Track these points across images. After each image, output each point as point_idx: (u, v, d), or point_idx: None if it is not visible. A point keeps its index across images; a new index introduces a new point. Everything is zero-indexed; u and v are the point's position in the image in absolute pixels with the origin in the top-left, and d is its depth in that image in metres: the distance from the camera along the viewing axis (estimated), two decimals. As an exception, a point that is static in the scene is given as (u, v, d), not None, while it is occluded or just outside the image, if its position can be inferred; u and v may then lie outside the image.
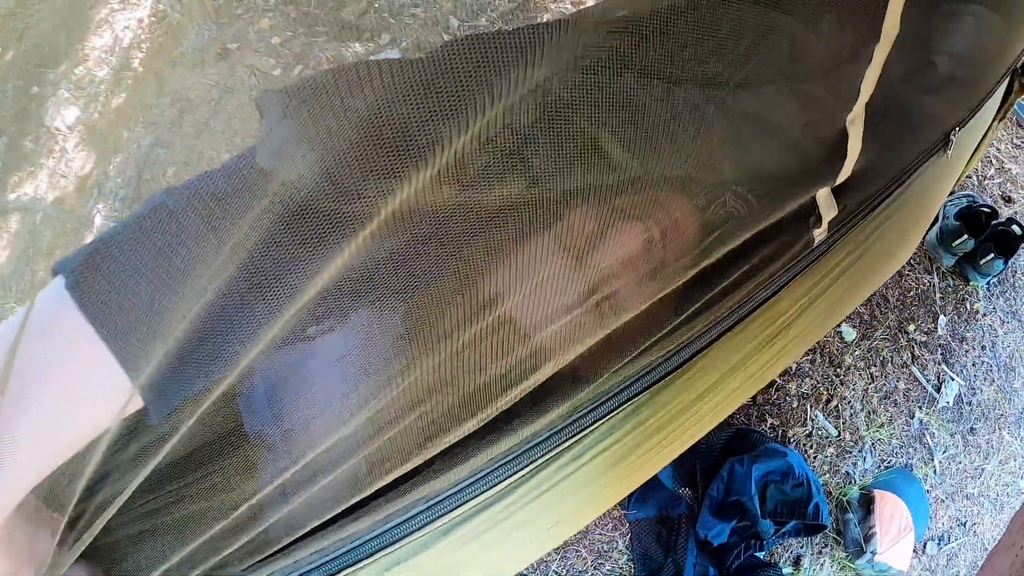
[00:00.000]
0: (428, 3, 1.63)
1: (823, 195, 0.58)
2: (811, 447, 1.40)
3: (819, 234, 0.61)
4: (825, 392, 1.43)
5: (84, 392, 0.35)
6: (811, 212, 0.60)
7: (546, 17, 1.66)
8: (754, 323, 0.63)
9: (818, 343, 1.46)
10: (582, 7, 1.72)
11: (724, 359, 0.64)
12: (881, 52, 0.49)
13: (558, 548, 1.24)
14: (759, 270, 0.58)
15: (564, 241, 0.46)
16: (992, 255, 1.53)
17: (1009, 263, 1.57)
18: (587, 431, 0.56)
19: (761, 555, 1.28)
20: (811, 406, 1.42)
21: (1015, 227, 1.54)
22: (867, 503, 1.35)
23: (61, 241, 1.66)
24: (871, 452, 1.43)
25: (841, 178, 0.57)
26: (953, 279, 1.59)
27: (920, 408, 1.48)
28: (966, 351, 1.54)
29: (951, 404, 1.50)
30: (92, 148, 1.73)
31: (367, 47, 1.58)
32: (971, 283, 1.59)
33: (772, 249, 0.58)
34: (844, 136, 0.55)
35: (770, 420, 1.38)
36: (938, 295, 1.57)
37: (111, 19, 1.87)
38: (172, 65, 1.72)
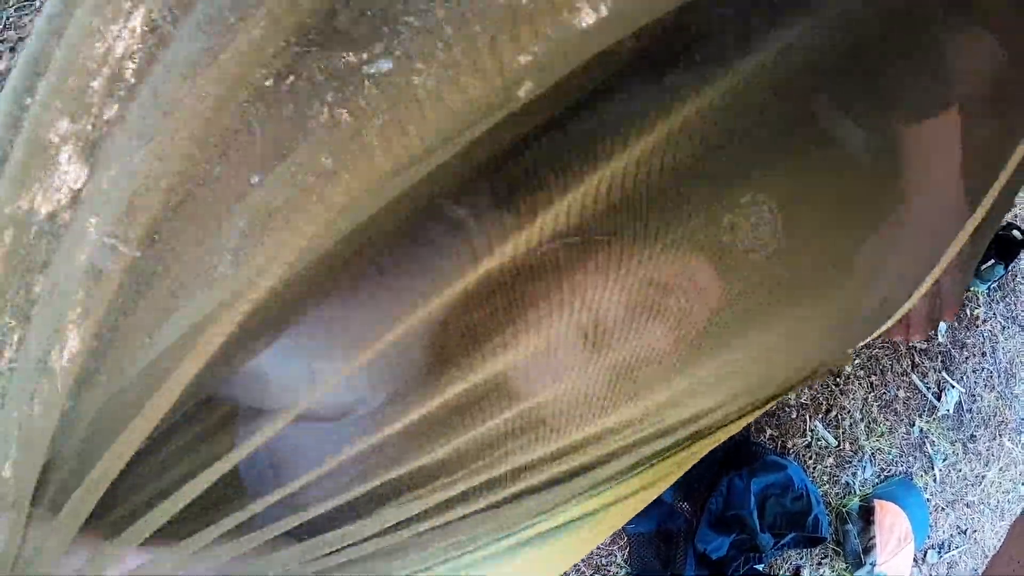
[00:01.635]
0: (422, 12, 1.61)
1: None
2: (810, 458, 1.39)
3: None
4: (824, 402, 1.42)
5: None
6: None
7: (541, 24, 1.64)
8: None
9: (817, 352, 1.45)
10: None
11: None
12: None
13: (556, 563, 1.24)
14: None
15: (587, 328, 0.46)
16: (992, 260, 1.51)
17: (1009, 268, 1.56)
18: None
19: (761, 567, 1.27)
20: (810, 416, 1.41)
21: (1015, 232, 1.53)
22: (867, 514, 1.34)
23: (56, 255, 1.65)
24: (871, 462, 1.42)
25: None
26: (953, 285, 1.58)
27: (920, 416, 1.47)
28: (966, 357, 1.53)
29: (951, 412, 1.49)
30: (85, 161, 1.72)
31: (360, 56, 1.57)
32: (971, 289, 1.57)
33: None
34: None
35: (769, 431, 1.38)
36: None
37: (103, 29, 1.86)
38: (164, 75, 1.71)
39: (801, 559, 1.33)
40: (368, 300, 0.48)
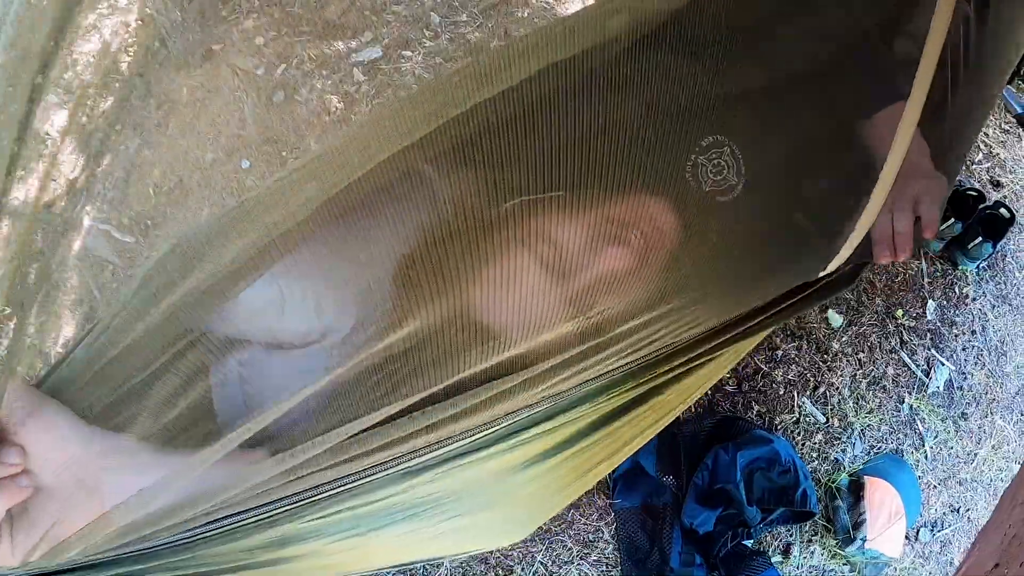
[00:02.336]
0: (409, 0, 1.64)
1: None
2: (799, 434, 1.39)
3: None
4: (812, 379, 1.42)
5: None
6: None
7: (526, 12, 1.66)
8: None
9: (804, 329, 1.45)
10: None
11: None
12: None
13: (543, 538, 1.24)
14: None
15: (548, 258, 0.49)
16: (980, 239, 1.52)
17: (998, 247, 1.55)
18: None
19: (749, 543, 1.27)
20: (798, 393, 1.41)
21: (1003, 210, 1.53)
22: (857, 490, 1.34)
23: (51, 245, 1.67)
24: (860, 438, 1.42)
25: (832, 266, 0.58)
26: (941, 264, 1.58)
27: (910, 394, 1.47)
28: (956, 336, 1.53)
29: (941, 389, 1.49)
30: (80, 152, 1.75)
31: (349, 45, 1.60)
32: (960, 267, 1.58)
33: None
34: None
35: (756, 408, 1.38)
36: (926, 280, 1.56)
37: (99, 23, 1.90)
38: (158, 68, 1.75)
39: (791, 536, 1.33)
40: (338, 239, 0.50)
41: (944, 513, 1.44)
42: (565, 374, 0.52)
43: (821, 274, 0.61)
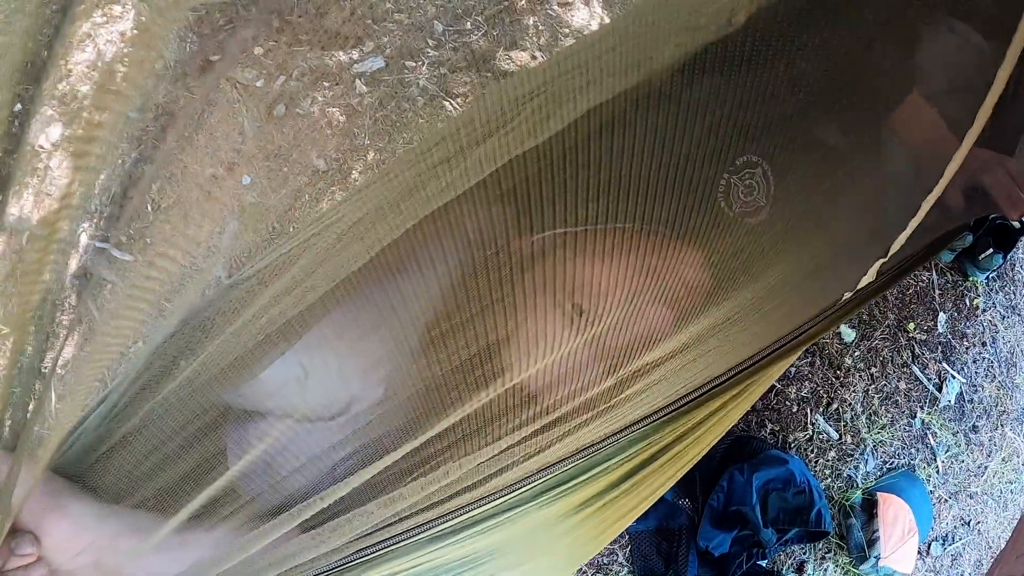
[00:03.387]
0: (412, 8, 1.60)
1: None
2: (812, 451, 1.38)
3: (847, 295, 0.59)
4: (825, 395, 1.41)
5: None
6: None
7: (532, 20, 1.63)
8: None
9: (817, 345, 1.44)
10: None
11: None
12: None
13: (558, 562, 1.23)
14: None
15: (579, 323, 0.47)
16: (991, 250, 1.51)
17: (1008, 257, 1.55)
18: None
19: (764, 563, 1.26)
20: (811, 410, 1.40)
21: (1013, 221, 1.52)
22: (870, 507, 1.33)
23: (48, 263, 1.64)
24: (873, 454, 1.41)
25: (892, 251, 0.56)
26: (952, 275, 1.57)
27: (922, 408, 1.46)
28: (967, 348, 1.52)
29: (953, 402, 1.48)
30: (76, 166, 1.71)
31: (351, 55, 1.56)
32: (970, 279, 1.57)
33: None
34: (912, 212, 0.53)
35: (770, 426, 1.37)
36: (937, 292, 1.55)
37: (94, 33, 1.85)
38: (155, 79, 1.70)
39: (805, 554, 1.32)
40: (360, 307, 0.48)
41: (955, 527, 1.44)
42: (599, 422, 0.50)
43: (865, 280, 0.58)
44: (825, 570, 1.31)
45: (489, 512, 0.50)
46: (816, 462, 1.37)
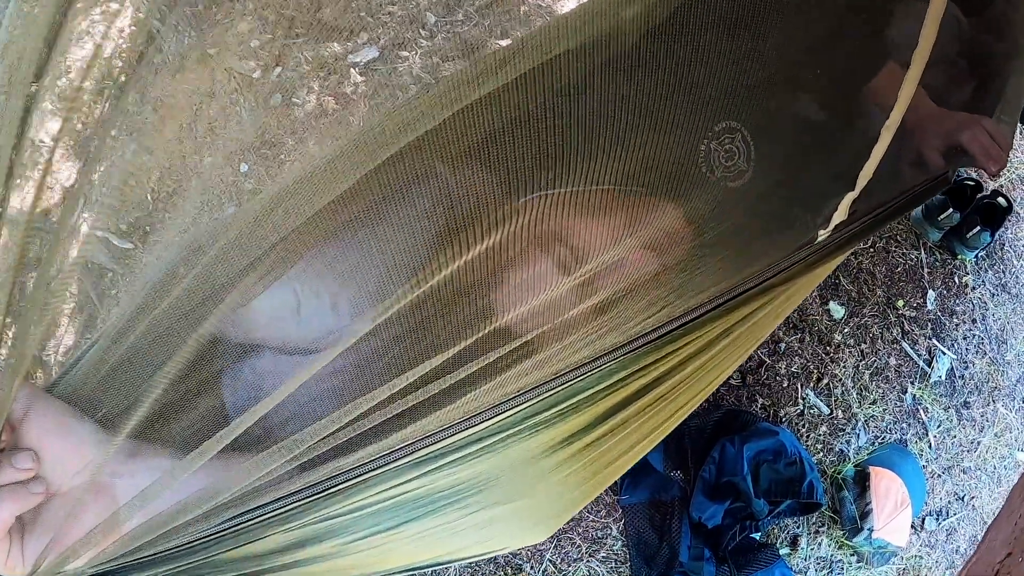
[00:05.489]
0: (404, 0, 1.64)
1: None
2: (803, 426, 1.39)
3: (822, 235, 0.61)
4: (815, 370, 1.43)
5: None
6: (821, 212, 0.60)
7: (523, 10, 1.66)
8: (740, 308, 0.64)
9: (806, 322, 1.46)
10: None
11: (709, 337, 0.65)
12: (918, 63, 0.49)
13: (552, 536, 1.24)
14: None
15: (567, 263, 0.49)
16: (978, 228, 1.52)
17: (996, 236, 1.56)
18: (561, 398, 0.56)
19: (757, 536, 1.27)
20: (802, 385, 1.41)
21: (1000, 199, 1.54)
22: (862, 480, 1.34)
23: (49, 253, 1.67)
24: (864, 429, 1.42)
25: (860, 185, 0.57)
26: (940, 253, 1.59)
27: (912, 383, 1.48)
28: (956, 325, 1.54)
29: (943, 378, 1.50)
30: (76, 158, 1.74)
31: (345, 47, 1.59)
32: (959, 257, 1.58)
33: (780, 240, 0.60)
34: (873, 142, 0.54)
35: (760, 400, 1.38)
36: (926, 270, 1.57)
37: (92, 30, 1.89)
38: (153, 72, 1.74)
39: (798, 527, 1.33)
40: (351, 239, 0.50)
41: (949, 501, 1.45)
42: (579, 346, 0.52)
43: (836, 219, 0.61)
44: (819, 543, 1.32)
45: (471, 438, 0.51)
46: (808, 436, 1.39)
